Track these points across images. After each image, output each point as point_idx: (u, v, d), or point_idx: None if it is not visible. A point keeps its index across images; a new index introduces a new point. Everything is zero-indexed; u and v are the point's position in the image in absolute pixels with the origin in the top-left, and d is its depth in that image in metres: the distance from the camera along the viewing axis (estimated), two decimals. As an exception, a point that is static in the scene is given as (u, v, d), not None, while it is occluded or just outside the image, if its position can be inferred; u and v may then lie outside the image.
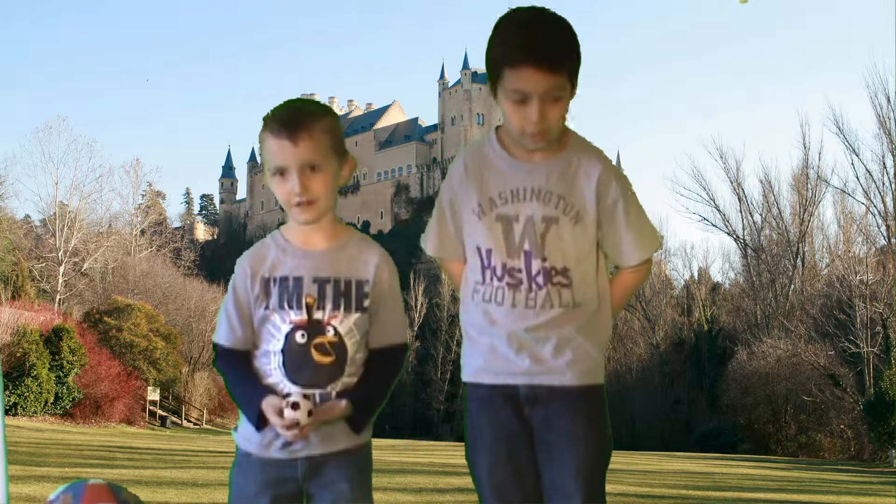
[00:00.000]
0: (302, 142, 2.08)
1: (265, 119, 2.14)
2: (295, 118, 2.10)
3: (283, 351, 2.16)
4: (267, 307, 2.17)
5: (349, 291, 2.17)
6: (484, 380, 2.23)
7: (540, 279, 2.20)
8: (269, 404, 2.10)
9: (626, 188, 2.24)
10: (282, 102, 2.18)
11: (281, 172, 2.12)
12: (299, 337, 2.15)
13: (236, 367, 2.19)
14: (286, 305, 2.15)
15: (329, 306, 2.16)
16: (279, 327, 2.16)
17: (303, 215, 2.15)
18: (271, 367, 2.17)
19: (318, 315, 2.16)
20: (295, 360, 2.15)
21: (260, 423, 2.13)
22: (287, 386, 2.15)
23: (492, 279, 2.22)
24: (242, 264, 2.21)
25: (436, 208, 2.33)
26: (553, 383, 2.18)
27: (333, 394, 2.16)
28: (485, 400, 2.23)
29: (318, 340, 2.15)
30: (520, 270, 2.20)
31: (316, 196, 2.13)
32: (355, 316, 2.17)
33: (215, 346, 2.22)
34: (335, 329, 2.15)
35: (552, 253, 2.20)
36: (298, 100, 2.18)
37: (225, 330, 2.20)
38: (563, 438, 2.17)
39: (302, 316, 2.15)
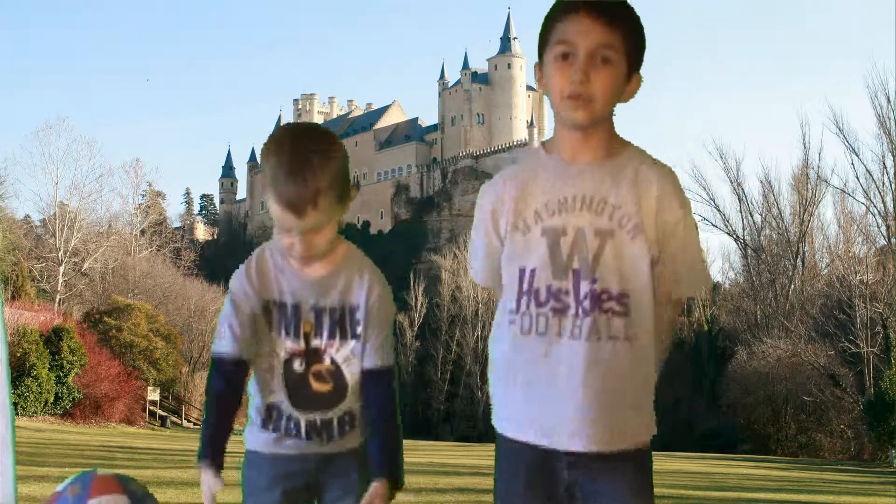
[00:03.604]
0: (306, 216, 1.99)
1: (266, 159, 2.01)
2: (299, 193, 1.96)
3: (282, 375, 2.16)
4: (270, 329, 2.16)
5: (344, 319, 2.15)
6: (520, 437, 1.97)
7: (587, 304, 1.89)
8: (206, 480, 2.08)
9: (689, 210, 1.97)
10: (280, 143, 2.01)
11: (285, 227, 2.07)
12: (297, 365, 2.15)
13: (223, 401, 2.13)
14: (283, 333, 2.15)
15: (326, 334, 2.15)
16: (277, 353, 2.16)
17: (302, 261, 2.12)
18: (274, 384, 2.17)
19: (315, 343, 2.15)
20: (294, 387, 2.16)
21: (203, 455, 2.11)
22: (288, 408, 2.16)
23: (529, 305, 1.93)
24: (241, 281, 2.15)
25: (476, 230, 2.05)
26: (581, 450, 1.90)
27: (335, 419, 2.18)
28: (520, 462, 1.98)
29: (315, 368, 2.15)
30: (567, 293, 1.90)
31: (319, 251, 2.10)
32: (352, 344, 2.16)
33: (215, 358, 2.15)
34: (332, 358, 2.15)
35: (605, 273, 1.90)
36: (299, 146, 2.00)
37: (228, 337, 2.13)
38: (604, 500, 1.94)
39: (300, 344, 2.14)
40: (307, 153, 1.98)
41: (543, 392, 1.92)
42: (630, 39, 1.90)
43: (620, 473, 1.93)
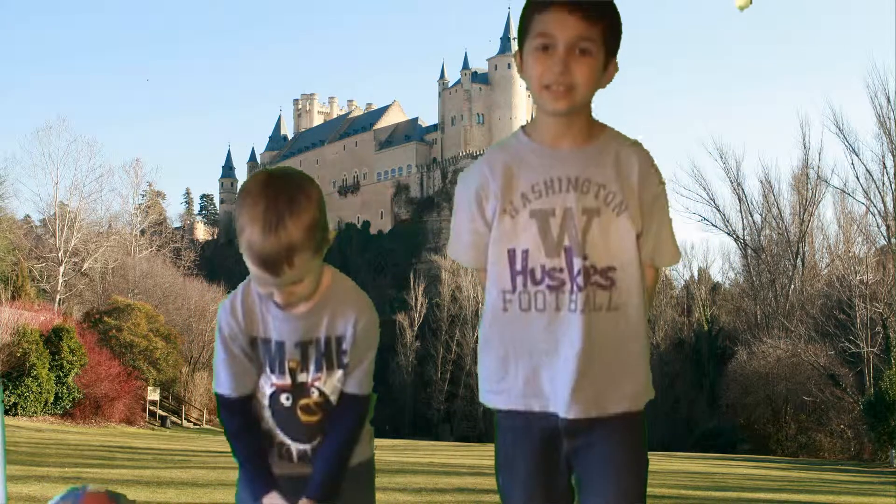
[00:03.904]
0: (283, 273, 1.97)
1: (240, 211, 2.00)
2: (276, 252, 1.94)
3: (269, 407, 2.17)
4: (255, 363, 2.17)
5: (330, 351, 2.14)
6: (520, 408, 2.04)
7: (580, 280, 1.99)
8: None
9: (664, 185, 2.08)
10: (252, 196, 1.98)
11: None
12: (284, 399, 2.15)
13: (243, 436, 2.16)
14: (268, 369, 2.15)
15: (312, 368, 2.14)
16: (263, 388, 2.17)
17: (284, 310, 2.12)
18: (264, 413, 2.19)
19: (301, 377, 2.14)
20: (282, 419, 2.17)
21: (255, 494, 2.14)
22: (280, 436, 2.18)
23: (526, 284, 2.01)
24: (227, 320, 2.14)
25: (458, 215, 2.11)
26: (579, 416, 2.00)
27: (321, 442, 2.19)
28: (520, 433, 2.05)
29: (303, 402, 2.15)
30: (561, 270, 1.99)
31: (300, 298, 2.09)
32: (338, 374, 2.16)
33: (219, 395, 2.16)
34: (320, 391, 2.15)
35: (594, 250, 1.99)
36: (273, 195, 1.96)
37: (225, 378, 2.14)
38: (602, 470, 2.03)
39: (285, 380, 2.14)
40: (279, 208, 1.94)
41: (544, 364, 2.01)
42: (607, 29, 1.97)
43: (617, 436, 2.03)
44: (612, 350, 2.02)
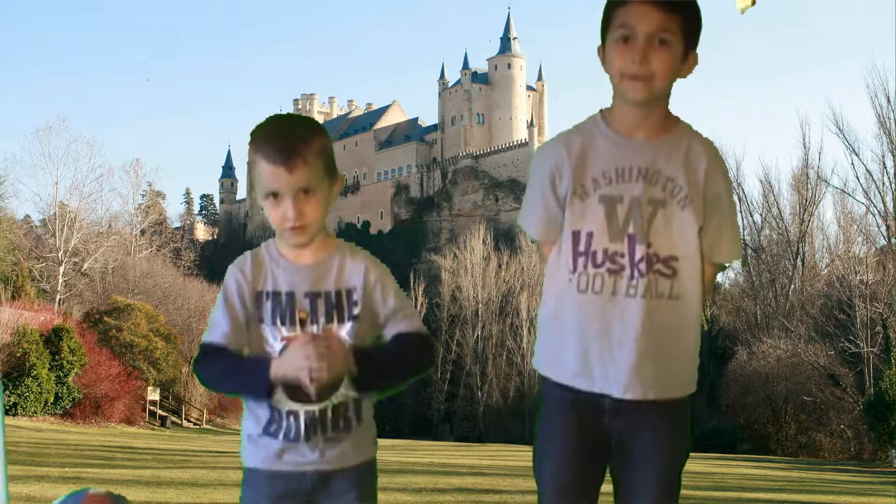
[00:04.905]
0: (297, 169, 2.06)
1: (254, 139, 2.11)
2: (290, 145, 2.07)
3: None
4: (261, 321, 2.15)
5: (340, 302, 2.15)
6: (570, 384, 2.11)
7: (643, 266, 2.05)
8: (282, 366, 2.04)
9: (729, 183, 2.14)
10: (269, 119, 2.14)
11: (274, 195, 2.10)
12: None
13: (229, 357, 2.12)
14: (278, 321, 2.13)
15: (322, 320, 2.14)
16: (272, 344, 2.14)
17: (296, 238, 2.14)
18: None
19: (311, 329, 2.14)
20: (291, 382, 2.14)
21: (271, 389, 2.08)
22: (286, 403, 2.13)
23: (587, 266, 2.08)
24: (235, 274, 2.17)
25: (532, 189, 2.18)
26: (637, 398, 2.07)
27: (330, 409, 2.14)
28: (566, 405, 2.12)
29: None
30: (622, 255, 2.06)
31: (309, 220, 2.11)
32: (347, 325, 2.15)
33: (202, 345, 2.15)
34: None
35: (657, 239, 2.06)
36: (287, 118, 2.14)
37: (224, 324, 2.13)
38: (645, 451, 2.10)
39: (295, 332, 2.13)
40: (294, 123, 2.13)
41: (596, 344, 2.07)
42: (686, 21, 2.04)
43: (661, 423, 2.10)
44: (673, 337, 2.08)
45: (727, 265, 2.19)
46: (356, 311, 2.15)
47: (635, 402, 2.07)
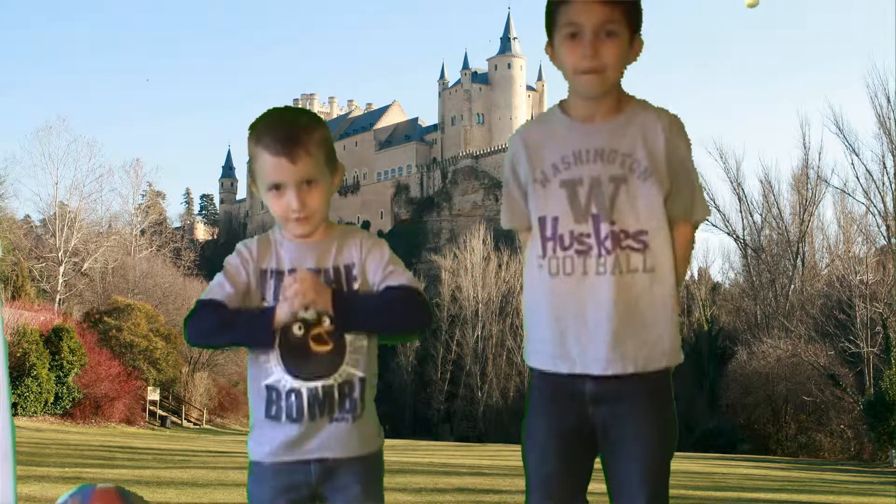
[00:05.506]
0: (300, 159, 2.09)
1: (255, 131, 2.13)
2: (292, 136, 2.09)
3: (280, 345, 2.15)
4: (263, 299, 2.17)
5: (339, 279, 2.19)
6: (550, 369, 2.15)
7: (608, 243, 2.09)
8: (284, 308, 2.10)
9: (690, 145, 2.19)
10: (269, 112, 2.17)
11: (277, 187, 2.12)
12: (297, 329, 2.14)
13: (229, 311, 2.13)
14: (280, 299, 2.15)
15: None
16: None
17: (300, 229, 2.17)
18: (270, 364, 2.16)
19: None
20: (294, 354, 2.15)
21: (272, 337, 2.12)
22: (288, 381, 2.15)
23: (555, 250, 2.13)
24: (241, 250, 2.22)
25: (503, 184, 2.29)
26: (619, 372, 2.09)
27: (335, 387, 2.15)
28: (545, 395, 2.17)
29: (315, 331, 2.15)
30: (588, 235, 2.11)
31: (313, 210, 2.15)
32: None
33: (199, 301, 2.16)
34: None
35: (622, 215, 2.10)
36: (288, 110, 2.18)
37: (217, 291, 2.15)
38: (630, 440, 2.12)
39: None
40: (294, 114, 2.17)
41: (572, 325, 2.11)
42: (629, 9, 2.09)
43: (644, 410, 2.12)
44: (650, 309, 2.11)
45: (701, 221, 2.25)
46: (356, 285, 2.19)
47: (617, 384, 2.09)
